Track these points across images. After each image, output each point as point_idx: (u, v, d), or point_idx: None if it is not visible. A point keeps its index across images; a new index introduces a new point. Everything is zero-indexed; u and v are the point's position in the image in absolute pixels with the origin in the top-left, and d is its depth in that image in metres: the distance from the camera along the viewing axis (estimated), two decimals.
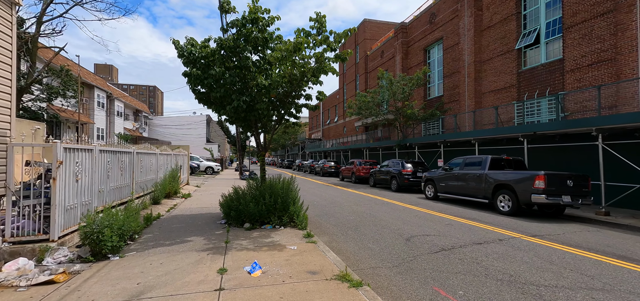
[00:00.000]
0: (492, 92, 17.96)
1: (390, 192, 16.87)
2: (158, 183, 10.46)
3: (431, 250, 5.79)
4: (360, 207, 11.22)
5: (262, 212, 6.98)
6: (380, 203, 12.09)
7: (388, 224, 8.13)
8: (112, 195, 7.02)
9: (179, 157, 14.82)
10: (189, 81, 7.14)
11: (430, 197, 13.71)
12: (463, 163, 12.33)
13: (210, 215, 8.71)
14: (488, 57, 18.27)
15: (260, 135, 8.18)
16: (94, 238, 4.71)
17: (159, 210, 9.08)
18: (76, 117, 24.17)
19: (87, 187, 5.83)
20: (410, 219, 8.83)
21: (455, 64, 20.86)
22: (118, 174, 7.37)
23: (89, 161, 5.86)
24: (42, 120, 16.93)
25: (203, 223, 7.60)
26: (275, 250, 5.40)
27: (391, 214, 9.67)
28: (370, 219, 8.86)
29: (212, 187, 17.19)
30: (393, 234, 7.06)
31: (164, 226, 7.27)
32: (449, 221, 8.54)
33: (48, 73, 17.42)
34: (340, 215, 9.49)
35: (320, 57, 6.45)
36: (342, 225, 8.12)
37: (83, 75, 26.53)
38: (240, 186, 8.39)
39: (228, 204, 7.29)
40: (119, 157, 7.40)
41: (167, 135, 44.99)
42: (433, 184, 13.64)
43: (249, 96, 6.82)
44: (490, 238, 6.65)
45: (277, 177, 8.32)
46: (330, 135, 49.04)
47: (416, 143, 20.50)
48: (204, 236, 6.38)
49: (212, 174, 29.27)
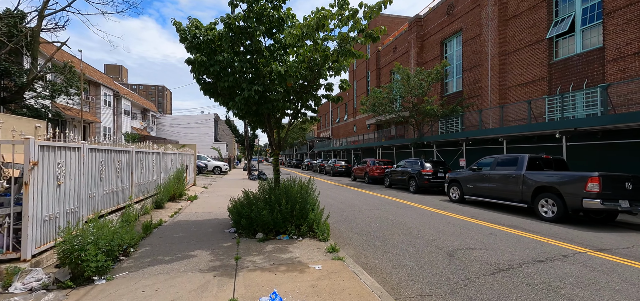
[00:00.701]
0: (519, 86, 16.66)
1: (409, 193, 15.77)
2: (161, 185, 9.59)
3: (485, 271, 4.72)
4: (381, 211, 10.17)
5: (278, 220, 6.00)
6: (402, 207, 11.02)
7: (420, 233, 7.08)
8: (106, 201, 6.13)
9: (185, 156, 13.99)
10: (193, 69, 6.21)
11: (456, 199, 12.57)
12: (494, 163, 11.16)
13: (218, 222, 7.78)
14: (514, 49, 16.97)
15: (273, 131, 7.20)
16: (73, 258, 3.79)
17: (161, 216, 8.19)
18: (82, 115, 23.62)
19: (73, 192, 4.93)
20: (443, 227, 7.75)
21: (476, 57, 19.58)
22: (113, 176, 6.48)
23: (75, 161, 4.96)
24: (46, 119, 16.31)
25: (209, 232, 6.66)
26: (296, 271, 4.41)
27: (419, 220, 8.60)
28: (398, 226, 7.82)
29: (220, 188, 16.34)
30: (430, 247, 6.01)
31: (166, 235, 6.36)
32: (490, 230, 7.43)
33: (51, 69, 16.79)
34: (362, 222, 8.46)
35: (345, 38, 5.42)
36: (367, 233, 7.10)
37: (90, 73, 26.03)
38: (251, 190, 7.44)
39: (238, 211, 6.33)
40: (114, 156, 6.51)
41: (174, 134, 44.55)
42: (458, 186, 12.50)
43: (261, 85, 5.84)
44: (551, 254, 5.54)
45: (292, 179, 7.35)
46: (339, 133, 47.97)
47: (434, 141, 19.32)
48: (210, 249, 5.43)
49: (220, 174, 28.52)
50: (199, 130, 47.00)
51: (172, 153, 11.70)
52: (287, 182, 7.12)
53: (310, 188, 6.66)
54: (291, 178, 7.52)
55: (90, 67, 26.84)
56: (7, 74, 14.76)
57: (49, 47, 20.79)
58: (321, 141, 53.49)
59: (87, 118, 24.35)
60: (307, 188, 6.60)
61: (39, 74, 14.89)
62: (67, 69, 17.18)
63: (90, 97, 25.89)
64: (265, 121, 6.90)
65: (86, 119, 24.34)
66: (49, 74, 17.77)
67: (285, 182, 7.13)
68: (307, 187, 6.60)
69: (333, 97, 6.38)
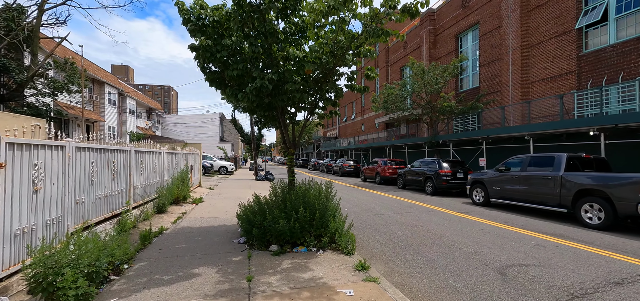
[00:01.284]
0: (543, 80, 15.61)
1: (425, 195, 14.84)
2: (164, 187, 8.83)
3: (556, 298, 3.83)
4: (402, 215, 9.29)
5: (295, 230, 5.17)
6: (424, 211, 10.11)
7: (454, 243, 6.19)
8: (98, 207, 5.35)
9: (189, 156, 13.25)
10: (198, 57, 5.41)
11: (480, 202, 11.62)
12: (525, 163, 10.19)
13: (225, 230, 6.97)
14: (538, 41, 15.91)
15: (287, 127, 6.36)
16: (45, 284, 3.00)
17: (163, 222, 7.41)
18: (85, 114, 23.10)
19: (56, 198, 4.16)
20: (478, 235, 6.85)
21: (495, 50, 18.54)
22: (108, 179, 5.71)
23: (58, 162, 4.19)
24: (47, 117, 15.72)
25: (216, 243, 5.86)
26: (322, 298, 3.57)
27: (447, 227, 7.70)
28: (426, 235, 6.93)
29: (227, 189, 15.59)
30: (473, 262, 5.12)
31: (167, 246, 5.56)
32: (535, 240, 6.51)
33: (52, 66, 16.19)
34: (384, 228, 7.59)
35: (376, 15, 4.55)
36: (394, 243, 6.24)
37: (93, 71, 25.52)
38: (261, 193, 6.63)
39: (249, 219, 5.51)
40: (109, 156, 5.73)
41: (180, 134, 44.07)
42: (483, 187, 11.55)
43: (276, 73, 5.00)
44: (626, 273, 4.61)
45: (307, 182, 6.51)
46: (346, 133, 47.05)
47: (451, 140, 18.33)
48: (217, 266, 4.62)
49: (226, 174, 27.84)
50: (205, 130, 46.48)
51: (176, 153, 10.95)
52: (303, 185, 6.29)
53: (330, 194, 5.80)
54: (306, 180, 6.68)
55: (93, 65, 26.33)
56: (6, 70, 14.16)
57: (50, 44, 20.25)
58: (328, 140, 52.64)
59: (90, 117, 23.83)
60: (327, 192, 5.74)
61: (38, 70, 14.28)
62: (68, 65, 16.57)
63: (95, 95, 25.38)
64: (278, 116, 6.06)
65: (90, 118, 23.83)
66: (51, 71, 17.21)
67: (301, 185, 6.29)
68: (327, 192, 5.74)
69: (358, 87, 5.54)
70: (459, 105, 18.36)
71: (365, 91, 5.64)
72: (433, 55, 24.28)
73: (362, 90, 5.61)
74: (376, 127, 36.38)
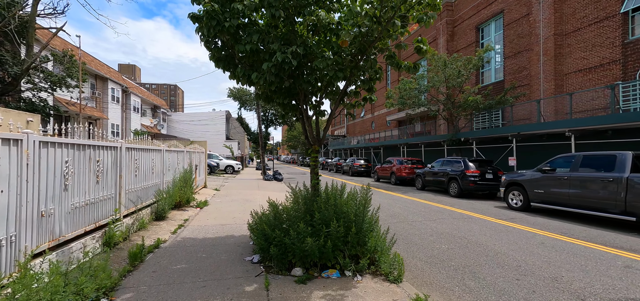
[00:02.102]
0: (581, 71, 14.18)
1: (449, 197, 13.58)
2: (163, 190, 7.72)
3: None
4: (436, 223, 8.05)
5: (326, 250, 3.99)
6: (459, 217, 8.86)
7: (519, 263, 4.95)
8: (75, 219, 4.24)
9: (194, 154, 12.16)
10: (200, 28, 4.25)
11: (517, 207, 10.32)
12: (577, 163, 8.86)
13: (235, 242, 5.83)
14: (574, 28, 14.48)
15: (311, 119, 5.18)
16: None
17: (161, 232, 6.29)
18: (87, 111, 22.24)
19: (5, 211, 3.03)
20: (542, 251, 5.59)
21: (522, 40, 17.11)
22: (90, 182, 4.59)
23: (10, 162, 3.06)
24: (44, 113, 14.80)
25: (224, 261, 4.71)
26: None
27: (497, 238, 6.45)
28: (477, 250, 5.70)
29: (234, 189, 14.48)
30: (559, 292, 3.88)
31: (162, 267, 4.43)
32: (621, 260, 5.22)
33: (49, 59, 15.24)
34: (420, 240, 6.37)
35: None
36: (443, 263, 5.02)
37: (96, 66, 24.67)
38: (277, 198, 5.47)
39: (265, 234, 4.34)
40: (91, 154, 4.61)
41: (186, 132, 43.26)
42: (522, 190, 10.24)
43: (302, 46, 3.82)
44: None
45: (333, 186, 5.33)
46: (355, 131, 45.76)
47: (474, 137, 16.96)
48: (226, 298, 3.46)
49: (233, 173, 26.83)
50: (211, 128, 45.62)
51: (178, 151, 9.86)
52: (329, 190, 5.10)
53: (366, 200, 4.60)
54: (330, 184, 5.49)
55: (96, 60, 25.49)
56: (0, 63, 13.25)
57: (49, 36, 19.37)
58: (335, 139, 51.40)
59: (93, 115, 22.97)
60: (364, 199, 4.54)
61: (32, 63, 13.32)
62: (67, 58, 15.62)
63: (97, 92, 24.52)
64: (300, 103, 4.88)
65: (92, 115, 22.97)
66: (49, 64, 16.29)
67: (327, 190, 5.10)
68: (364, 198, 4.54)
69: (404, 64, 4.31)
70: (484, 99, 16.96)
71: (414, 69, 4.43)
72: (451, 48, 22.89)
73: (411, 68, 4.40)
74: (387, 125, 35.06)
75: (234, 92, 43.46)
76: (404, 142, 25.09)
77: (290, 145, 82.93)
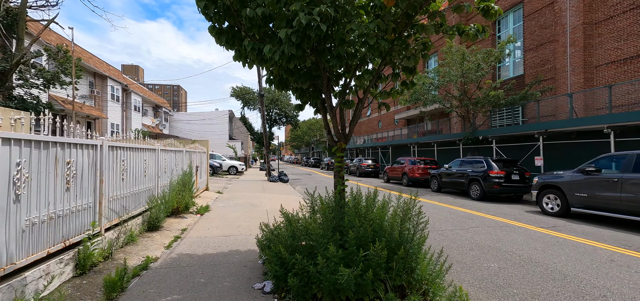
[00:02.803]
0: (614, 63, 13.03)
1: (471, 200, 12.52)
2: (159, 195, 6.74)
3: None
4: (472, 233, 6.99)
5: (365, 281, 2.95)
6: (493, 225, 7.80)
7: (603, 291, 3.89)
8: (32, 239, 3.24)
9: (194, 154, 11.18)
10: None
11: (554, 212, 9.24)
12: (629, 163, 7.75)
13: (241, 260, 4.81)
14: (606, 16, 13.33)
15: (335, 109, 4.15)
16: None
17: (153, 246, 5.30)
18: (85, 110, 21.38)
19: None
20: (622, 274, 4.52)
21: (545, 32, 15.97)
22: (57, 190, 3.60)
23: None
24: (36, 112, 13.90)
25: (227, 291, 3.69)
26: None
27: (554, 254, 5.38)
28: (537, 270, 4.64)
29: (238, 191, 13.49)
30: None
31: (149, 299, 3.42)
32: None
33: (42, 54, 14.35)
34: (463, 257, 5.32)
35: None
36: (502, 291, 3.97)
37: (95, 64, 23.83)
38: (294, 211, 4.46)
39: (280, 258, 3.32)
40: (58, 154, 3.62)
41: (188, 132, 42.42)
42: (559, 194, 9.16)
43: (332, 6, 2.80)
44: None
45: (358, 192, 4.30)
46: (361, 131, 44.67)
47: (494, 135, 15.84)
48: None
49: (236, 174, 25.88)
50: (214, 128, 44.75)
51: (176, 151, 8.88)
52: (360, 198, 4.07)
53: (411, 214, 3.55)
54: (356, 189, 4.45)
55: (95, 58, 24.65)
56: None
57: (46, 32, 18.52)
58: None
59: (91, 113, 22.12)
60: (407, 211, 3.50)
61: (22, 57, 12.42)
62: (61, 53, 14.73)
63: (96, 90, 23.67)
64: (323, 89, 3.85)
65: (91, 114, 22.12)
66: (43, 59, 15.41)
67: (357, 198, 4.08)
68: (407, 210, 3.50)
69: (471, 30, 3.29)
70: (506, 95, 15.82)
71: (483, 33, 3.40)
72: (464, 42, 21.76)
73: (479, 32, 3.36)
74: (395, 124, 33.97)
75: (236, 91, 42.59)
76: (415, 141, 23.98)
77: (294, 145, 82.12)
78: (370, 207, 3.68)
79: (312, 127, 65.26)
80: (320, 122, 65.68)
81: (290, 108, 41.92)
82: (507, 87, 16.19)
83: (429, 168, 18.23)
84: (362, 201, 3.96)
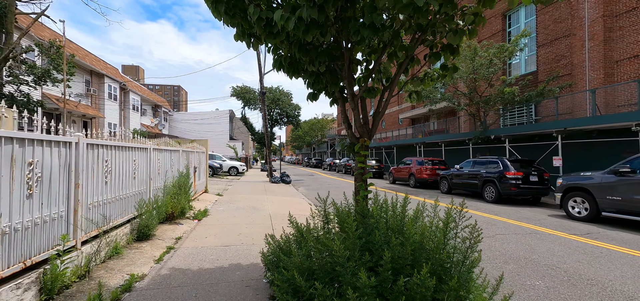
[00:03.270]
0: (636, 57, 12.30)
1: (485, 203, 11.82)
2: (151, 200, 6.03)
3: None
4: (501, 241, 6.26)
5: None
6: (521, 232, 7.06)
7: None
8: None
9: (192, 155, 10.47)
10: None
11: (581, 216, 8.52)
12: None
13: (241, 278, 4.09)
14: (627, 8, 12.60)
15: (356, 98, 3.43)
16: None
17: (140, 260, 4.58)
18: (81, 109, 20.70)
19: None
20: None
21: (561, 26, 15.24)
22: (14, 197, 2.89)
23: None
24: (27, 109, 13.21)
25: None
26: None
27: (604, 268, 4.66)
28: (592, 290, 3.93)
29: (239, 194, 12.77)
30: None
31: None
32: None
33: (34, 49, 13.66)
34: (498, 273, 4.58)
35: None
36: None
37: (91, 61, 23.15)
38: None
39: (294, 286, 2.60)
40: (16, 153, 2.90)
41: (188, 132, 41.73)
42: (588, 197, 8.43)
43: None
44: None
45: (383, 199, 3.60)
46: None
47: (508, 134, 15.10)
48: None
49: (237, 175, 25.18)
50: (214, 128, 44.05)
51: (172, 150, 8.17)
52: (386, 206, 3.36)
53: (450, 224, 2.83)
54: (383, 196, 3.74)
55: (91, 55, 23.97)
56: None
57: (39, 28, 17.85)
58: (343, 139, 49.63)
59: (87, 113, 21.43)
60: (447, 223, 2.78)
61: (10, 51, 11.73)
62: (53, 49, 14.03)
63: (92, 88, 22.98)
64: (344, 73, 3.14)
65: (87, 113, 21.44)
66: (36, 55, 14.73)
67: (379, 203, 3.37)
68: (447, 221, 2.79)
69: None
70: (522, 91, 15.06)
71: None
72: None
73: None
74: (399, 123, 33.27)
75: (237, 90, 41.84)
76: (421, 141, 23.25)
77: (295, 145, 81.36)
78: (400, 217, 2.96)
79: (313, 127, 64.52)
80: (321, 122, 64.88)
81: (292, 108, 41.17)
82: (522, 84, 15.45)
83: (438, 169, 17.51)
84: (389, 209, 3.24)
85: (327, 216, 3.73)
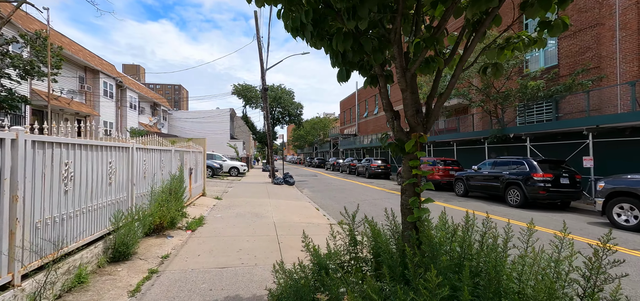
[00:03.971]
0: None
1: (508, 207, 10.83)
2: (132, 210, 4.99)
3: None
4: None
5: None
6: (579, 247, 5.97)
7: None
8: None
9: (188, 155, 9.43)
10: None
11: (629, 225, 7.44)
12: None
13: None
14: None
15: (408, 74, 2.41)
16: None
17: (110, 293, 3.54)
18: (74, 107, 19.70)
19: None
20: None
21: (586, 15, 14.12)
22: None
23: None
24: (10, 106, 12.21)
25: None
26: None
27: None
28: None
29: (239, 197, 11.73)
30: None
31: None
32: None
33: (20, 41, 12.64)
34: None
35: None
36: None
37: (85, 57, 22.15)
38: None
39: None
40: None
41: (188, 131, 40.72)
42: (638, 203, 7.35)
43: None
44: None
45: (452, 223, 2.57)
46: (367, 129, 42.85)
47: (529, 133, 14.00)
48: None
49: (238, 176, 24.18)
50: (214, 127, 43.04)
51: (162, 150, 7.12)
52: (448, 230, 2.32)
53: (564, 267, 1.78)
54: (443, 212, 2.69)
55: (85, 51, 22.98)
56: None
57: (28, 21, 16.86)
58: (346, 138, 48.55)
59: (81, 110, 20.44)
60: (568, 261, 1.73)
61: None
62: (39, 40, 13.02)
63: (87, 85, 21.98)
64: (394, 36, 2.10)
65: (80, 111, 20.44)
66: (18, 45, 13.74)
67: (451, 233, 2.33)
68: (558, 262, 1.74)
69: None
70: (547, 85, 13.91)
71: None
72: None
73: None
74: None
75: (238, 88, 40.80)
76: (431, 139, 22.16)
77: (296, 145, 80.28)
78: (495, 256, 1.92)
79: (315, 126, 63.46)
80: (324, 121, 63.74)
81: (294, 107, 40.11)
82: (547, 77, 14.31)
83: (451, 170, 16.46)
84: (465, 238, 2.20)
85: (353, 239, 2.71)
